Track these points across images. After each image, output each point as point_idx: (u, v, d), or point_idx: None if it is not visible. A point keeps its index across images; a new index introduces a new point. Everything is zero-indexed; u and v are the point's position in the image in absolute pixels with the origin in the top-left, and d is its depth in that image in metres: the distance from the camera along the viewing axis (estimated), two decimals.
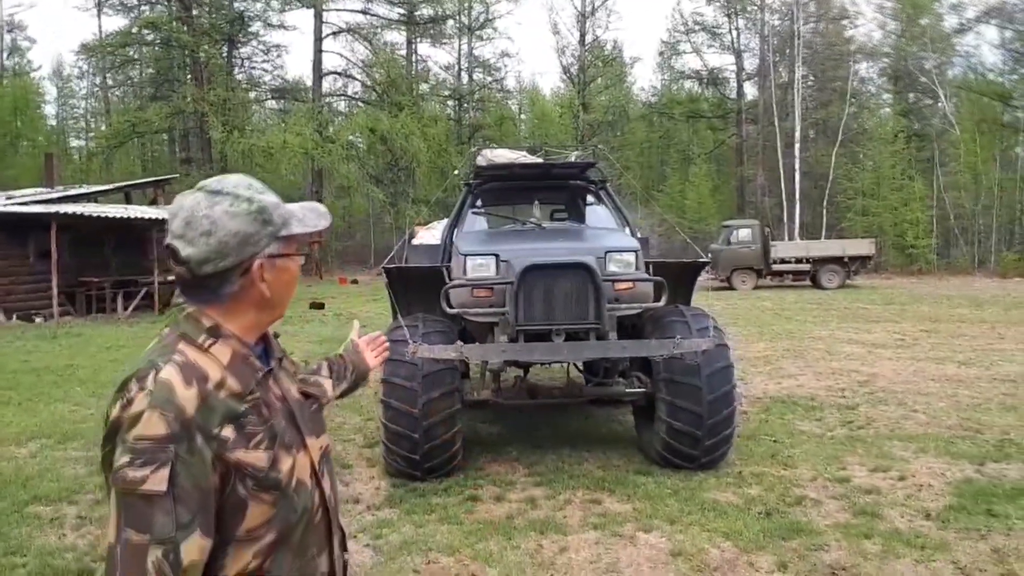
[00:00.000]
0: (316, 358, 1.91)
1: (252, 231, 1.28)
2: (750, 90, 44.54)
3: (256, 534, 1.25)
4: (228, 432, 1.22)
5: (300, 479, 1.32)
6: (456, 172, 15.80)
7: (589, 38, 43.71)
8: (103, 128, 43.00)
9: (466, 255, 5.48)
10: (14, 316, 16.97)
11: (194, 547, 1.16)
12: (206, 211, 1.26)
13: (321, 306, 19.60)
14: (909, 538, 4.23)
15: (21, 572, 3.96)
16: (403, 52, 43.24)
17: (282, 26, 40.06)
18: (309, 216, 1.38)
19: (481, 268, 5.38)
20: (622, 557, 4.08)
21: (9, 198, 18.86)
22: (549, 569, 3.95)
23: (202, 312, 1.30)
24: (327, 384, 1.65)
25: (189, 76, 37.32)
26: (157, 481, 1.14)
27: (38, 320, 16.96)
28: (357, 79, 39.82)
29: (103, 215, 17.63)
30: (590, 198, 7.18)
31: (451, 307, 5.31)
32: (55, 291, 16.45)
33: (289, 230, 1.34)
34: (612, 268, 5.36)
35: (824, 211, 36.52)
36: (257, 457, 1.24)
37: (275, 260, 1.32)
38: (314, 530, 1.36)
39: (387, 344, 2.08)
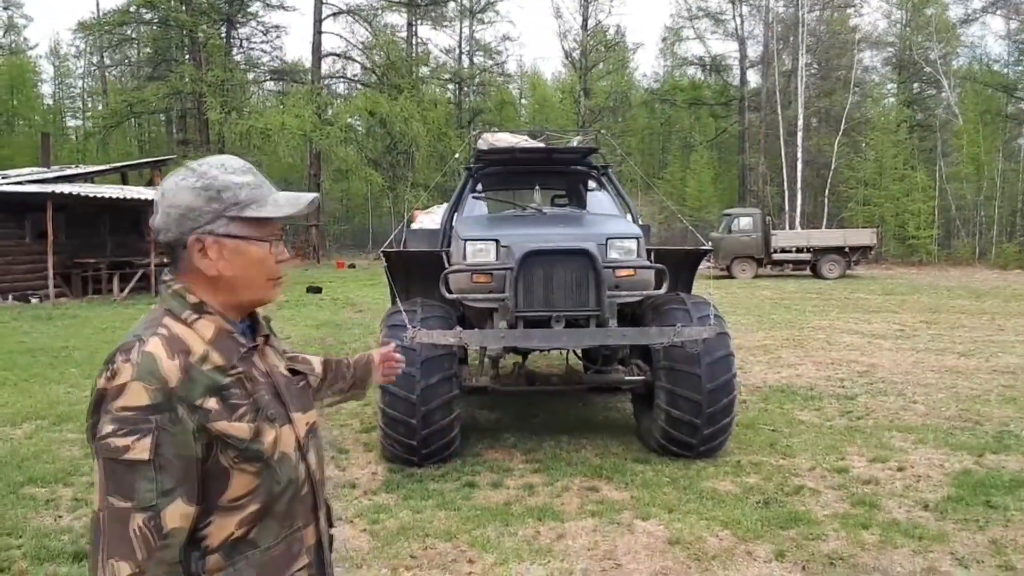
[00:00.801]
0: (315, 349, 1.88)
1: (194, 206, 1.30)
2: (753, 78, 44.34)
3: (240, 503, 1.28)
4: (211, 403, 1.25)
5: (284, 452, 1.34)
6: (456, 156, 15.73)
7: (592, 23, 43.40)
8: (100, 108, 42.81)
9: (466, 240, 5.43)
10: (10, 297, 16.91)
11: (176, 513, 1.19)
12: (169, 183, 1.34)
13: (319, 290, 19.54)
14: (907, 528, 4.22)
15: (16, 553, 3.94)
16: (403, 34, 42.98)
17: (281, 6, 39.84)
18: (275, 204, 1.36)
19: (481, 253, 5.34)
20: (619, 544, 4.07)
21: (4, 178, 18.73)
22: (546, 555, 3.93)
23: (188, 289, 1.34)
24: (316, 362, 1.63)
25: (187, 56, 37.06)
26: (140, 450, 1.17)
27: (34, 301, 16.90)
28: (357, 61, 39.57)
29: (99, 195, 17.54)
30: (591, 184, 7.13)
31: (450, 292, 5.27)
32: (51, 272, 16.42)
33: (242, 212, 1.32)
34: (613, 255, 5.32)
35: (826, 200, 36.44)
36: (239, 428, 1.27)
37: (223, 239, 1.32)
38: (300, 502, 1.38)
39: (401, 361, 2.04)
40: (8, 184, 17.31)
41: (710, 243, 21.68)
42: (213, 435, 1.24)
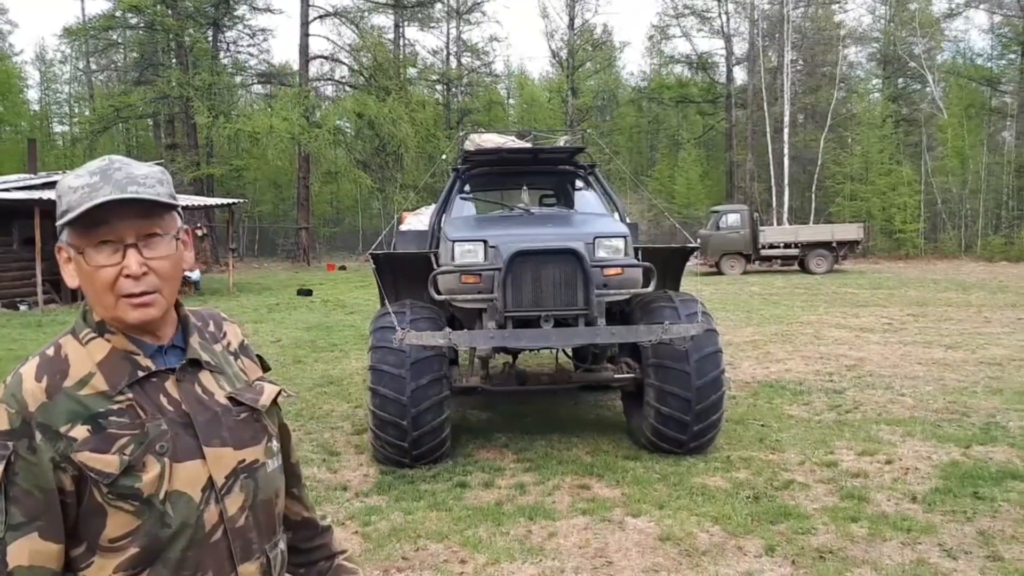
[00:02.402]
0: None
1: (57, 215, 1.20)
2: (739, 75, 44.43)
3: (118, 545, 1.14)
4: (79, 432, 1.12)
5: (178, 491, 1.17)
6: (444, 157, 15.72)
7: (578, 22, 43.44)
8: (87, 113, 42.51)
9: (454, 241, 5.44)
10: None
11: (24, 551, 1.09)
12: None
13: (309, 293, 19.51)
14: (896, 521, 4.26)
15: None
16: (390, 36, 42.89)
17: (268, 9, 39.62)
18: (89, 201, 1.15)
19: (469, 254, 5.35)
20: (611, 542, 4.09)
21: None
22: (538, 554, 3.95)
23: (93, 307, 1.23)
24: (268, 391, 1.36)
25: (174, 60, 36.83)
26: None
27: (23, 308, 16.79)
28: (344, 63, 39.41)
29: None
30: (579, 183, 7.15)
31: (439, 293, 5.28)
32: (39, 278, 16.30)
33: (66, 218, 1.17)
34: (601, 254, 5.34)
35: (813, 196, 36.61)
36: (106, 461, 1.12)
37: (68, 249, 1.20)
38: (207, 550, 1.19)
39: None
40: None
41: (698, 240, 21.81)
42: (79, 467, 1.12)
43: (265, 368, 1.43)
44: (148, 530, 1.15)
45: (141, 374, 1.19)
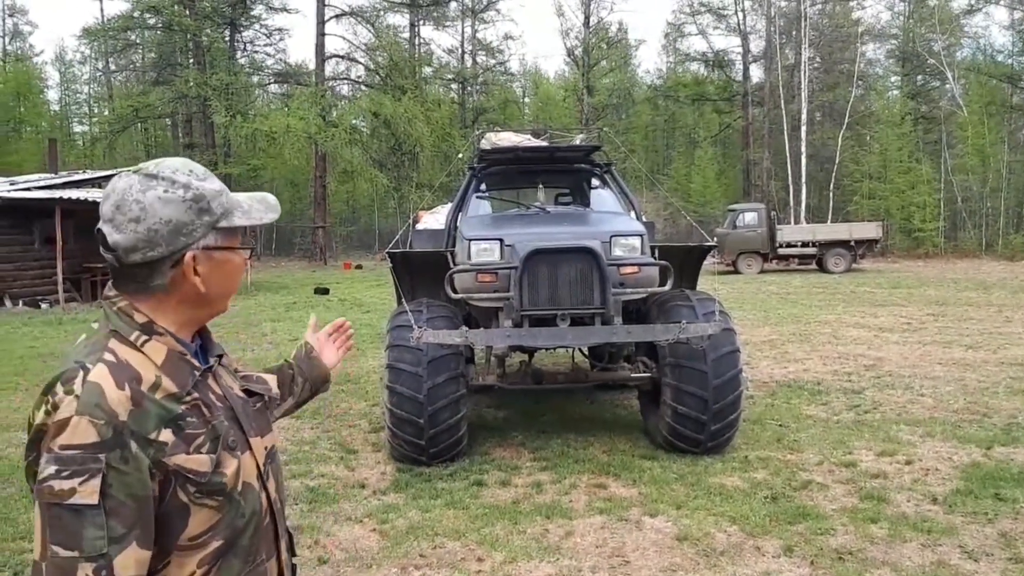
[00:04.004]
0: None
1: (186, 220, 1.19)
2: (756, 72, 44.21)
3: (200, 541, 1.17)
4: (166, 436, 1.14)
5: (247, 482, 1.25)
6: (460, 156, 15.74)
7: (593, 20, 43.34)
8: (106, 113, 42.95)
9: (470, 240, 5.45)
10: (20, 302, 17.01)
11: (130, 561, 1.07)
12: (138, 195, 1.18)
13: (326, 291, 19.60)
14: (916, 522, 4.22)
15: (29, 556, 3.98)
16: (406, 35, 43.01)
17: (284, 9, 39.91)
18: (256, 208, 1.30)
19: (485, 253, 5.35)
20: (628, 541, 4.08)
21: (12, 184, 18.84)
22: (555, 553, 3.95)
23: (134, 307, 1.21)
24: (272, 380, 1.49)
25: (191, 60, 37.18)
26: (87, 493, 1.05)
27: (44, 306, 17.00)
28: (360, 63, 39.58)
29: None
30: (595, 182, 7.13)
31: (455, 292, 5.29)
32: (60, 277, 16.50)
33: (230, 221, 1.25)
34: (617, 252, 5.33)
35: (830, 194, 36.33)
36: (199, 461, 1.16)
37: (212, 252, 1.24)
38: (263, 535, 1.29)
39: (350, 331, 1.87)
40: (16, 191, 17.42)
41: (715, 239, 21.68)
42: (170, 470, 1.13)
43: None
44: (229, 522, 1.21)
45: (198, 374, 1.24)
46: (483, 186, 7.03)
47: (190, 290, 1.23)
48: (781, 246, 25.64)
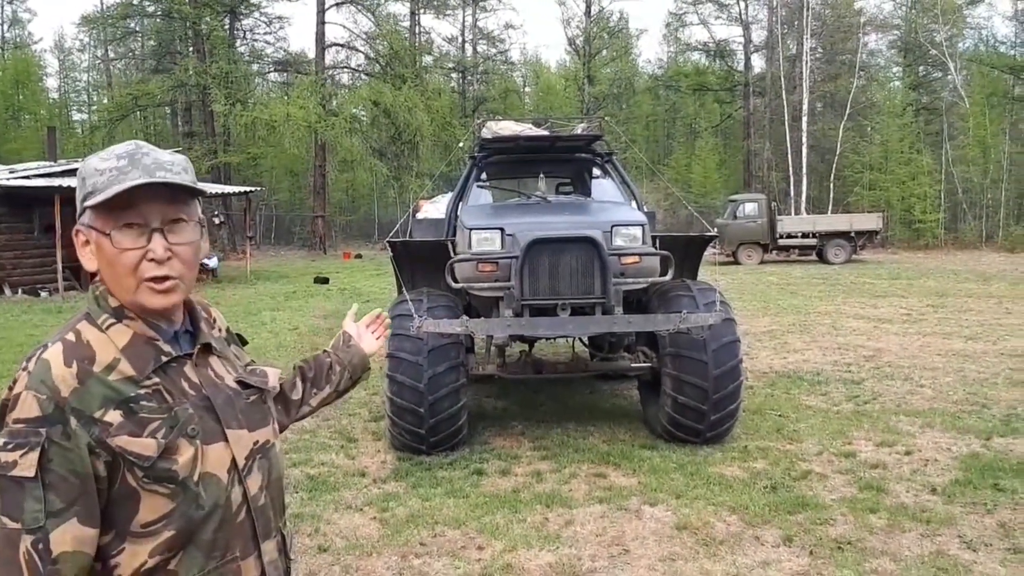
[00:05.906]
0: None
1: (79, 197, 1.21)
2: (758, 62, 43.97)
3: (152, 529, 1.15)
4: (113, 416, 1.13)
5: (211, 472, 1.20)
6: (460, 145, 15.71)
7: (595, 9, 43.05)
8: (105, 101, 42.79)
9: (471, 229, 5.44)
10: (19, 291, 17.01)
11: (67, 537, 1.08)
12: None
13: (325, 281, 19.60)
14: (915, 512, 4.23)
15: None
16: (406, 24, 42.74)
17: None
18: (118, 185, 1.16)
19: (486, 242, 5.35)
20: (627, 530, 4.09)
21: (12, 172, 18.79)
22: (555, 542, 3.96)
23: (110, 292, 1.22)
24: (272, 374, 1.45)
25: (191, 48, 36.98)
26: (26, 466, 1.07)
27: (44, 294, 17.00)
28: (360, 51, 39.38)
29: None
30: (596, 171, 7.12)
31: (456, 281, 5.29)
32: (60, 265, 16.47)
33: (93, 200, 1.18)
34: (618, 242, 5.32)
35: (831, 185, 36.22)
36: (144, 445, 1.14)
37: (90, 232, 1.20)
38: (234, 530, 1.23)
39: (388, 321, 1.91)
40: (16, 179, 17.38)
41: (715, 229, 21.66)
42: (115, 451, 1.12)
43: (243, 342, 1.50)
44: (183, 512, 1.17)
45: (165, 359, 1.21)
46: (484, 175, 7.01)
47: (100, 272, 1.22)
48: (781, 237, 25.60)
